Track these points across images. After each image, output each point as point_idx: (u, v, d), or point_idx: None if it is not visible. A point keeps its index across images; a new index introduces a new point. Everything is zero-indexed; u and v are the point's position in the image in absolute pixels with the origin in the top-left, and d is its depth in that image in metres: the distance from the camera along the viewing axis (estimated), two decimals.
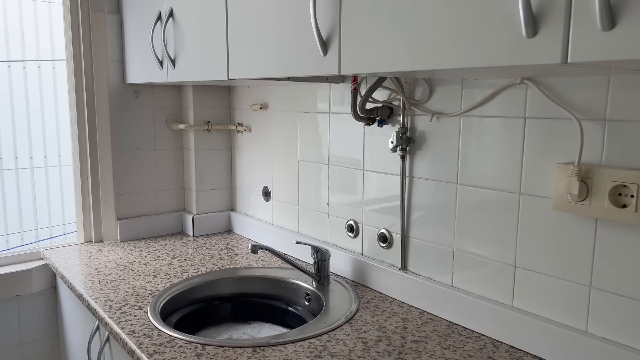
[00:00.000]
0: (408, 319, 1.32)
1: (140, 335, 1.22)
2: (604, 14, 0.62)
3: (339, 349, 1.16)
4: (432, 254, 1.36)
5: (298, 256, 1.81)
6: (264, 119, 1.97)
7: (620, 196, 0.96)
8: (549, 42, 0.69)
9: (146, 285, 1.54)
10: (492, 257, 1.22)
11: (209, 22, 1.44)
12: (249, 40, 1.29)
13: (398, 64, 0.91)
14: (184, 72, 1.60)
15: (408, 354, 1.13)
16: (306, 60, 1.11)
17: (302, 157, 1.79)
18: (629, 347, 0.99)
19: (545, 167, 1.10)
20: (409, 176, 1.40)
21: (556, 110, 1.07)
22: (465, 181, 1.26)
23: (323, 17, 1.05)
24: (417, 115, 1.37)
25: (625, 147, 0.97)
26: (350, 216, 1.61)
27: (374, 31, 0.95)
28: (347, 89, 1.57)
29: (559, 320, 1.10)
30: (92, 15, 1.90)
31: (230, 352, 1.14)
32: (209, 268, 1.71)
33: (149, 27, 1.72)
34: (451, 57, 0.82)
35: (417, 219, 1.39)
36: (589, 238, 1.04)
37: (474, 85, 1.22)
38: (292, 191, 1.86)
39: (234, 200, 2.22)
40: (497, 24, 0.75)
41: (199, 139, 2.10)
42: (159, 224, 2.13)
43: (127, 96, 2.00)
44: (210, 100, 2.10)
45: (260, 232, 2.02)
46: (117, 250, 1.91)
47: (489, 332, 1.22)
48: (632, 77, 0.95)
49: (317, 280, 1.54)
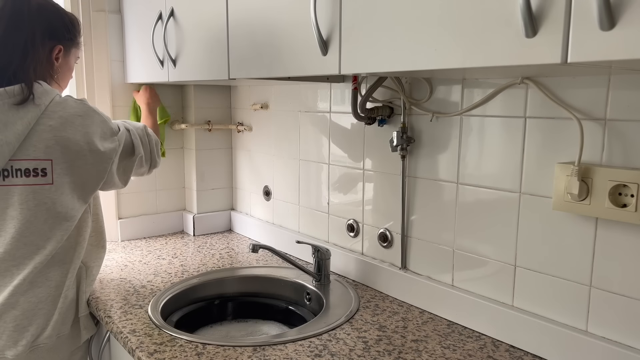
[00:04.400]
0: (408, 318, 1.32)
1: (140, 335, 1.22)
2: (604, 14, 0.62)
3: (339, 348, 1.16)
4: (432, 253, 1.36)
5: (298, 255, 1.82)
6: (264, 118, 1.97)
7: (621, 196, 0.96)
8: (548, 42, 0.69)
9: (147, 284, 1.55)
10: (492, 257, 1.22)
11: (210, 22, 1.44)
12: (250, 40, 1.29)
13: (398, 63, 0.91)
14: (184, 72, 1.60)
15: (408, 354, 1.14)
16: (306, 60, 1.11)
17: (303, 157, 1.79)
18: (629, 347, 0.99)
19: (545, 166, 1.10)
20: (410, 176, 1.41)
21: (556, 110, 1.07)
22: (466, 181, 1.26)
23: (323, 17, 1.05)
24: (417, 115, 1.37)
25: (625, 146, 0.97)
26: (350, 215, 1.62)
27: (374, 31, 0.95)
28: (348, 89, 1.57)
29: (559, 320, 1.10)
30: (93, 15, 1.90)
31: (231, 351, 1.14)
32: (210, 267, 1.71)
33: (150, 26, 1.72)
34: (451, 57, 0.82)
35: (418, 218, 1.40)
36: (589, 238, 1.04)
37: (475, 85, 1.22)
38: (292, 190, 1.86)
39: (235, 200, 2.22)
40: (497, 23, 0.75)
41: (200, 139, 2.11)
42: (159, 223, 2.13)
43: (128, 96, 2.01)
44: (211, 100, 2.11)
45: (260, 231, 2.02)
46: (117, 250, 1.91)
47: (489, 331, 1.22)
48: (632, 77, 0.95)
49: (317, 280, 1.54)
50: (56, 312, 1.28)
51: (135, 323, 1.28)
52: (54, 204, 1.23)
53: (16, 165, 1.19)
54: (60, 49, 1.30)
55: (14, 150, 1.18)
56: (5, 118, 1.16)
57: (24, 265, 1.23)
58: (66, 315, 1.32)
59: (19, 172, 1.19)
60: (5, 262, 1.22)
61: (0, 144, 1.16)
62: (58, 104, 1.23)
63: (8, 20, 1.20)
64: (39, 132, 1.19)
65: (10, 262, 1.22)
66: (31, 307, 1.24)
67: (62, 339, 1.31)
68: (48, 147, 1.20)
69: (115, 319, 1.30)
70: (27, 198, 1.21)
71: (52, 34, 1.27)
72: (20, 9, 1.22)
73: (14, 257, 1.22)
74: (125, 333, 1.23)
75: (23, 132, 1.17)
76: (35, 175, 1.20)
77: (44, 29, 1.25)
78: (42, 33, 1.25)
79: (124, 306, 1.38)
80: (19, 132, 1.17)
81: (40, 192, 1.22)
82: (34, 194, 1.21)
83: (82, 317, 1.36)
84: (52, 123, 1.20)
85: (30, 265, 1.23)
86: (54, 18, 1.29)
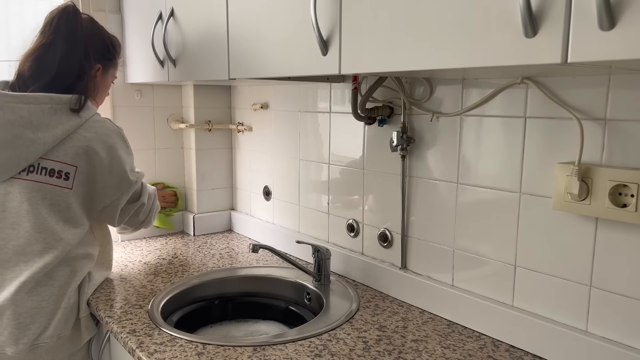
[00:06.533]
0: (408, 318, 1.32)
1: (141, 335, 1.22)
2: (604, 14, 0.62)
3: (339, 348, 1.16)
4: (432, 253, 1.36)
5: (298, 255, 1.82)
6: (264, 118, 1.97)
7: (621, 196, 0.96)
8: (548, 41, 0.69)
9: (147, 284, 1.55)
10: (493, 257, 1.22)
11: (210, 22, 1.44)
12: (250, 40, 1.29)
13: (398, 63, 0.91)
14: (184, 72, 1.60)
15: (408, 353, 1.14)
16: (306, 60, 1.11)
17: (303, 157, 1.79)
18: (629, 347, 0.99)
19: (545, 166, 1.10)
20: (410, 176, 1.41)
21: (556, 110, 1.07)
22: (466, 181, 1.26)
23: (323, 17, 1.05)
24: (417, 115, 1.37)
25: (625, 146, 0.97)
26: (350, 215, 1.62)
27: (374, 31, 0.95)
28: (348, 89, 1.57)
29: (559, 320, 1.10)
30: (93, 15, 1.89)
31: (231, 351, 1.14)
32: (210, 267, 1.71)
33: (150, 26, 1.72)
34: (451, 57, 0.82)
35: (418, 218, 1.39)
36: (589, 238, 1.04)
37: (475, 85, 1.22)
38: (292, 190, 1.86)
39: (235, 200, 2.22)
40: (497, 23, 0.75)
41: (200, 139, 2.11)
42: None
43: (128, 96, 2.01)
44: (211, 100, 2.11)
45: (260, 231, 2.02)
46: (118, 250, 1.91)
47: (489, 331, 1.22)
48: (632, 77, 0.95)
49: (317, 280, 1.54)
50: (59, 312, 1.29)
51: (135, 323, 1.28)
52: (67, 208, 1.30)
53: (43, 164, 1.27)
54: (99, 67, 1.42)
55: (47, 150, 1.27)
56: (48, 120, 1.27)
57: (33, 263, 1.26)
58: (69, 316, 1.33)
59: (44, 170, 1.27)
60: (16, 256, 1.26)
61: (38, 141, 1.25)
62: (97, 121, 1.34)
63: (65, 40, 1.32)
64: (73, 139, 1.29)
65: (21, 256, 1.26)
66: (34, 305, 1.26)
67: (63, 340, 1.31)
68: (77, 155, 1.29)
69: (115, 319, 1.30)
70: (45, 196, 1.28)
71: (96, 53, 1.40)
72: (75, 27, 1.34)
73: (25, 253, 1.26)
74: (125, 333, 1.23)
75: (60, 137, 1.28)
76: (58, 177, 1.28)
77: (95, 49, 1.39)
78: (92, 52, 1.38)
79: (124, 306, 1.38)
80: (57, 135, 1.27)
81: (58, 194, 1.29)
82: (51, 193, 1.28)
83: (82, 317, 1.37)
84: (87, 135, 1.31)
85: (39, 263, 1.26)
86: (99, 39, 1.43)
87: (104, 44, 1.44)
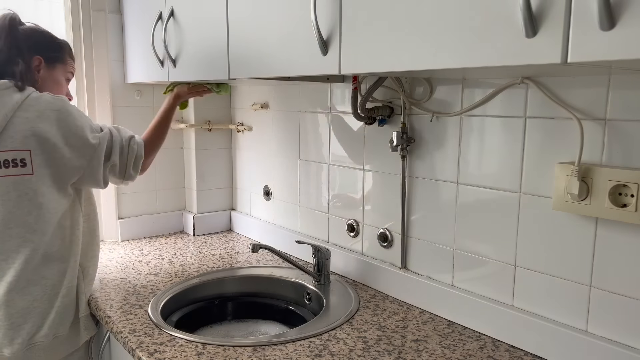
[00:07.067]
0: (408, 318, 1.32)
1: (141, 335, 1.22)
2: (604, 14, 0.62)
3: (339, 348, 1.16)
4: (432, 253, 1.36)
5: (298, 255, 1.82)
6: (264, 118, 1.97)
7: (621, 196, 0.96)
8: (548, 41, 0.69)
9: (147, 284, 1.55)
10: (493, 257, 1.22)
11: (210, 22, 1.44)
12: (250, 39, 1.29)
13: (398, 63, 0.91)
14: (184, 72, 1.60)
15: (408, 353, 1.14)
16: (306, 59, 1.11)
17: (303, 157, 1.79)
18: (629, 347, 0.99)
19: (545, 166, 1.10)
20: (410, 175, 1.41)
21: (556, 110, 1.07)
22: (466, 181, 1.26)
23: (323, 17, 1.05)
24: (417, 115, 1.37)
25: (625, 147, 0.97)
26: (350, 215, 1.62)
27: (374, 31, 0.95)
28: (348, 89, 1.57)
29: (559, 320, 1.10)
30: (93, 15, 1.90)
31: (231, 351, 1.14)
32: (210, 267, 1.71)
33: (150, 26, 1.72)
34: (451, 57, 0.82)
35: (418, 218, 1.39)
36: (589, 238, 1.04)
37: (475, 85, 1.22)
38: (292, 190, 1.86)
39: (235, 200, 2.22)
40: (497, 23, 0.75)
41: (200, 139, 2.11)
42: (159, 223, 2.13)
43: (128, 96, 2.01)
44: (211, 100, 2.11)
45: (260, 231, 2.02)
46: (117, 250, 1.91)
47: (489, 331, 1.22)
48: (632, 77, 0.95)
49: (317, 280, 1.54)
50: (53, 311, 1.29)
51: (135, 323, 1.28)
52: (35, 194, 1.25)
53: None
54: (40, 60, 1.36)
55: None
56: None
57: (13, 260, 1.25)
58: (64, 316, 1.32)
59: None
60: None
61: None
62: (34, 99, 1.27)
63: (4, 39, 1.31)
64: (15, 124, 1.22)
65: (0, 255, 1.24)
66: (26, 305, 1.25)
67: (61, 339, 1.31)
68: (25, 138, 1.23)
69: (115, 319, 1.30)
70: (7, 189, 1.23)
71: (34, 46, 1.35)
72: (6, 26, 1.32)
73: (2, 251, 1.24)
74: (125, 333, 1.23)
75: (1, 124, 1.21)
76: (14, 166, 1.23)
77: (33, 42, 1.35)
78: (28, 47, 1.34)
79: (124, 306, 1.38)
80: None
81: (22, 183, 1.24)
82: (14, 184, 1.23)
83: (82, 317, 1.37)
84: (28, 115, 1.24)
85: (20, 259, 1.24)
86: (39, 35, 1.39)
87: (45, 39, 1.39)
